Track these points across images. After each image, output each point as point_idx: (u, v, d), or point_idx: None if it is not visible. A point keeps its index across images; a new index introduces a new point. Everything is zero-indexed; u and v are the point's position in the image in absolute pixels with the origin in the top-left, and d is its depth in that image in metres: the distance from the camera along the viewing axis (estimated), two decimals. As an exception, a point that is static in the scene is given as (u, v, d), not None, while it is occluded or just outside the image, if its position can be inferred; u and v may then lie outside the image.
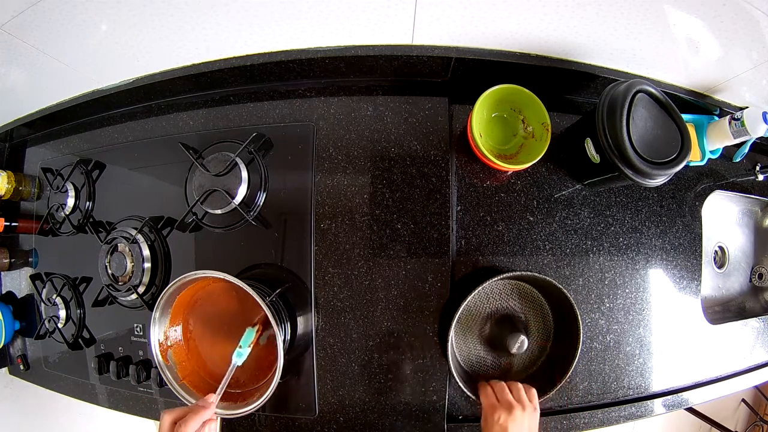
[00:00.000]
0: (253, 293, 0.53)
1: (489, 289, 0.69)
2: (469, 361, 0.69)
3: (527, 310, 0.70)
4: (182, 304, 0.61)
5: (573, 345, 0.64)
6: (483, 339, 0.70)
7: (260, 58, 0.68)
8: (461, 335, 0.69)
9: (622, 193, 0.75)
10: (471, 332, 0.70)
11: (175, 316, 0.61)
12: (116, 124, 0.82)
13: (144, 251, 0.72)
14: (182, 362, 0.61)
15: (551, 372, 0.67)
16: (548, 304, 0.69)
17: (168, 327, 0.60)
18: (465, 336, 0.69)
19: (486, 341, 0.70)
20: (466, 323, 0.69)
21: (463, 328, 0.69)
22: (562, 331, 0.68)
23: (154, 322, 0.58)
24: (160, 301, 0.57)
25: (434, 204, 0.68)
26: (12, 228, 0.87)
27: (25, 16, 0.57)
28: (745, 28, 0.58)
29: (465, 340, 0.69)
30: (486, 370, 0.70)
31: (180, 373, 0.59)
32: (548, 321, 0.69)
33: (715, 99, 0.77)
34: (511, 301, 0.70)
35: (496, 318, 0.69)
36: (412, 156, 0.69)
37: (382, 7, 0.58)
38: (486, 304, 0.69)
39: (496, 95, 0.65)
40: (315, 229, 0.68)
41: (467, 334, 0.69)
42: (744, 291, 0.99)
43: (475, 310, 0.69)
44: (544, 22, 0.60)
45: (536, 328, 0.70)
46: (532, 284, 0.69)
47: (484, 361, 0.70)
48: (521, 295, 0.70)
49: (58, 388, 0.86)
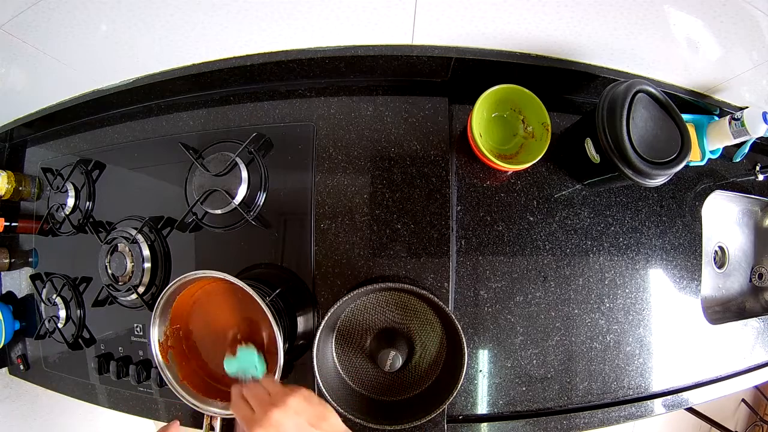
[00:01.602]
0: (252, 293, 0.53)
1: (371, 300, 0.64)
2: (360, 379, 0.64)
3: (414, 324, 0.64)
4: (182, 304, 0.61)
5: (459, 363, 0.56)
6: (366, 355, 0.64)
7: (260, 58, 0.68)
8: (345, 350, 0.65)
9: (622, 193, 0.75)
10: (354, 348, 0.65)
11: (176, 316, 0.61)
12: (116, 124, 0.82)
13: (144, 251, 0.72)
14: (182, 362, 0.61)
15: (439, 391, 0.60)
16: (440, 319, 0.63)
17: (168, 327, 0.60)
18: (348, 351, 0.65)
19: (369, 357, 0.64)
20: (350, 336, 0.65)
21: (346, 341, 0.65)
22: (451, 348, 0.62)
23: (153, 323, 0.58)
24: (159, 302, 0.57)
25: (434, 204, 0.68)
26: (12, 228, 0.87)
27: (25, 16, 0.57)
28: (745, 28, 0.58)
29: (348, 356, 0.65)
30: (381, 389, 0.64)
31: (180, 374, 0.59)
32: (437, 336, 0.64)
33: (715, 99, 0.77)
34: (394, 314, 0.64)
35: (376, 332, 0.64)
36: (412, 156, 0.69)
37: (382, 7, 0.58)
38: (370, 317, 0.64)
39: (496, 95, 0.65)
40: (315, 229, 0.68)
41: (351, 350, 0.65)
42: (744, 291, 0.99)
43: (357, 323, 0.64)
44: (544, 22, 0.60)
45: (425, 345, 0.64)
46: (417, 297, 0.63)
47: (376, 379, 0.64)
48: (405, 308, 0.64)
49: (58, 388, 0.86)
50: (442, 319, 0.62)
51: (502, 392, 0.70)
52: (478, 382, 0.70)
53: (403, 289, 0.60)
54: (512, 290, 0.71)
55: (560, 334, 0.72)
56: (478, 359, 0.70)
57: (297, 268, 0.68)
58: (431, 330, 0.64)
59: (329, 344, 0.64)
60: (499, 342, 0.71)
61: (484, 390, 0.70)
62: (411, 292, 0.60)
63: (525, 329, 0.71)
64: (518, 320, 0.71)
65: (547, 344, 0.71)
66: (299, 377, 0.68)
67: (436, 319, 0.63)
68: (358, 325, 0.65)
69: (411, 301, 0.64)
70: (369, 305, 0.65)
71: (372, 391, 0.64)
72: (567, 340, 0.72)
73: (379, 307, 0.65)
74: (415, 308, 0.64)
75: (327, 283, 0.68)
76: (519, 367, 0.71)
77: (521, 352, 0.71)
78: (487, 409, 0.70)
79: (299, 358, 0.68)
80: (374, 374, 0.65)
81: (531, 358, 0.71)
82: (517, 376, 0.71)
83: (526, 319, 0.71)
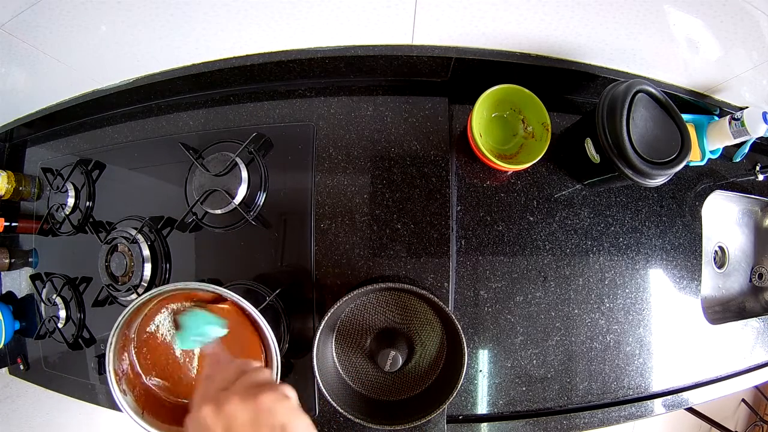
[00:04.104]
0: (237, 298, 0.48)
1: (371, 300, 0.64)
2: (360, 379, 0.64)
3: (414, 324, 0.64)
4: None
5: (458, 363, 0.56)
6: (366, 355, 0.64)
7: (260, 58, 0.68)
8: (345, 350, 0.65)
9: (622, 193, 0.75)
10: (354, 348, 0.65)
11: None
12: (116, 124, 0.82)
13: (144, 251, 0.72)
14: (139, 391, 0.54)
15: (439, 391, 0.60)
16: (440, 319, 0.63)
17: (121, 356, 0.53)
18: (348, 351, 0.65)
19: (369, 357, 0.64)
20: (350, 337, 0.65)
21: (346, 341, 0.65)
22: (451, 348, 0.62)
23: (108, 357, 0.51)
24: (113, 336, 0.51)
25: (434, 204, 0.68)
26: (12, 228, 0.87)
27: (25, 16, 0.57)
28: (745, 28, 0.58)
29: (348, 356, 0.65)
30: (381, 389, 0.64)
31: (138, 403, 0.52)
32: (437, 336, 0.64)
33: (715, 99, 0.77)
34: (394, 314, 0.64)
35: (376, 332, 0.64)
36: (412, 156, 0.69)
37: (382, 7, 0.58)
38: (370, 317, 0.64)
39: (496, 95, 0.65)
40: (315, 229, 0.68)
41: (351, 350, 0.65)
42: (744, 291, 0.99)
43: (357, 323, 0.64)
44: (544, 22, 0.60)
45: (425, 345, 0.64)
46: (417, 297, 0.63)
47: (376, 379, 0.64)
48: (405, 308, 0.64)
49: (58, 388, 0.86)
50: (442, 319, 0.62)
51: (502, 392, 0.70)
52: (478, 382, 0.70)
53: (403, 289, 0.60)
54: (512, 290, 0.71)
55: (560, 334, 0.72)
56: (478, 359, 0.70)
57: (297, 268, 0.68)
58: (431, 330, 0.64)
59: (329, 344, 0.64)
60: (499, 342, 0.71)
61: (484, 390, 0.70)
62: (411, 292, 0.60)
63: (525, 329, 0.71)
64: (518, 320, 0.71)
65: (547, 344, 0.71)
66: (299, 377, 0.68)
67: (436, 319, 0.63)
68: (358, 325, 0.65)
69: (411, 301, 0.64)
70: (369, 305, 0.65)
71: (372, 391, 0.64)
72: (567, 340, 0.72)
73: (379, 307, 0.65)
74: (415, 308, 0.64)
75: (327, 283, 0.68)
76: (519, 367, 0.71)
77: (521, 352, 0.71)
78: (487, 409, 0.70)
79: (299, 358, 0.68)
80: (374, 374, 0.65)
81: (531, 358, 0.71)
82: (517, 376, 0.71)
83: (526, 319, 0.71)
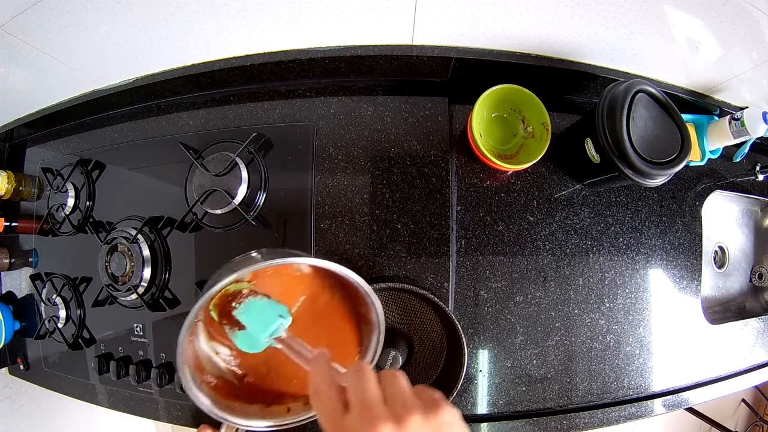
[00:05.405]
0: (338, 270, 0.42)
1: None
2: None
3: (414, 324, 0.64)
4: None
5: (458, 363, 0.56)
6: None
7: (260, 58, 0.68)
8: None
9: (622, 193, 0.75)
10: None
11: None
12: (116, 124, 0.82)
13: (144, 251, 0.72)
14: None
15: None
16: (440, 319, 0.63)
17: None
18: None
19: None
20: None
21: None
22: (451, 348, 0.62)
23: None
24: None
25: (434, 204, 0.68)
26: (12, 228, 0.87)
27: (25, 16, 0.57)
28: (745, 28, 0.58)
29: None
30: None
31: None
32: (437, 336, 0.63)
33: (715, 99, 0.77)
34: (394, 314, 0.64)
35: None
36: (412, 156, 0.69)
37: (382, 7, 0.58)
38: None
39: (496, 95, 0.65)
40: (315, 229, 0.68)
41: None
42: (744, 291, 0.99)
43: None
44: (544, 22, 0.60)
45: (425, 345, 0.64)
46: (417, 297, 0.62)
47: None
48: (405, 308, 0.64)
49: (58, 388, 0.86)
50: (442, 319, 0.62)
51: (502, 392, 0.70)
52: (478, 382, 0.70)
53: (403, 289, 0.59)
54: (512, 290, 0.71)
55: (560, 334, 0.72)
56: (478, 359, 0.70)
57: (297, 268, 0.68)
58: (431, 330, 0.64)
59: None
60: (499, 342, 0.71)
61: (484, 390, 0.70)
62: (411, 292, 0.60)
63: (525, 329, 0.71)
64: (518, 320, 0.71)
65: (547, 344, 0.71)
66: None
67: (436, 319, 0.63)
68: None
69: (411, 301, 0.64)
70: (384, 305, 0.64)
71: None
72: (567, 340, 0.72)
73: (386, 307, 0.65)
74: (415, 308, 0.64)
75: (327, 283, 0.68)
76: (519, 367, 0.71)
77: (521, 352, 0.71)
78: (487, 409, 0.70)
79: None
80: None
81: (531, 358, 0.71)
82: (517, 376, 0.71)
83: (526, 319, 0.71)
